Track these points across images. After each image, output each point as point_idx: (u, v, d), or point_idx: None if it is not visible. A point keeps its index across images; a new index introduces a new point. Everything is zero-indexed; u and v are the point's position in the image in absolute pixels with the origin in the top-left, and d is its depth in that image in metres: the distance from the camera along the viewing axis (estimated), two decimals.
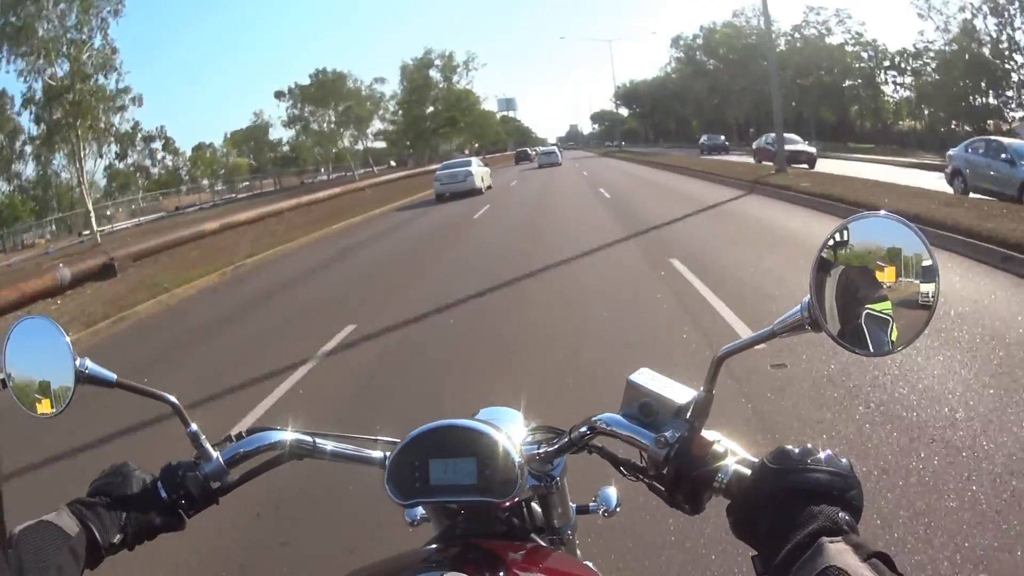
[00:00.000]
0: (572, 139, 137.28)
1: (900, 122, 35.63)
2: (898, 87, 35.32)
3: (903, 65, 34.29)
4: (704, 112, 52.40)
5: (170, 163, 48.50)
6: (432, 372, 3.85)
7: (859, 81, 36.33)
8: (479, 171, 19.47)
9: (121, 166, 44.11)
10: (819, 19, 37.81)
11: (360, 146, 53.15)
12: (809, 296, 0.52)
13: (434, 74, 54.49)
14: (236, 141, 50.33)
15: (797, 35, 38.68)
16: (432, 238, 10.50)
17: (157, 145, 45.60)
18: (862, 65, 36.19)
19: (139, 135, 47.40)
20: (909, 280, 0.49)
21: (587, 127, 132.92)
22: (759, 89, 40.03)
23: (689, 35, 51.23)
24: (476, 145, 67.53)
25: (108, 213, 33.02)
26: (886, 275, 0.50)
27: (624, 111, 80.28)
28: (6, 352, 0.65)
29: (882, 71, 35.41)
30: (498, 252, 8.06)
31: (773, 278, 4.98)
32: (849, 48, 36.47)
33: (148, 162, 46.33)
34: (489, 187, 20.18)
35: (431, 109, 50.68)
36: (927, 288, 0.49)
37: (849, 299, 0.51)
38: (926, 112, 33.19)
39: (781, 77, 38.43)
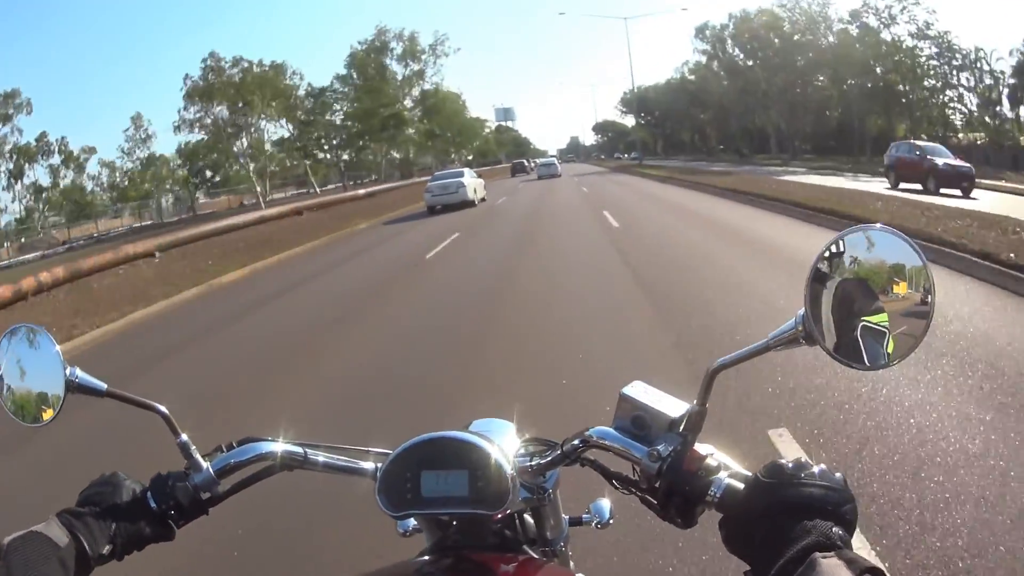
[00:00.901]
0: (573, 151, 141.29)
1: (962, 134, 31.61)
2: (969, 91, 31.60)
3: (980, 64, 30.55)
4: (728, 119, 50.14)
5: (69, 180, 44.52)
6: None
7: (937, 83, 32.54)
8: (472, 182, 21.05)
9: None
10: (882, 3, 33.68)
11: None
12: (804, 309, 0.58)
13: (396, 67, 51.53)
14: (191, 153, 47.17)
15: (854, 25, 35.53)
16: (344, 302, 7.87)
17: (56, 160, 42.83)
18: (931, 62, 32.67)
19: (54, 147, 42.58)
20: (905, 292, 0.56)
21: (589, 138, 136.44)
22: (803, 91, 37.92)
23: (717, 24, 47.07)
24: (467, 156, 67.59)
25: None
26: (883, 287, 0.56)
27: (630, 121, 78.84)
28: None
29: (954, 72, 31.69)
30: (433, 341, 5.52)
31: None
32: (910, 42, 33.13)
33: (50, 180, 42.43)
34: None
35: (385, 109, 47.94)
36: (922, 300, 0.55)
37: (845, 312, 0.57)
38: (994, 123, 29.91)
39: (832, 77, 36.88)
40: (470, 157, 70.81)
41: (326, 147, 50.16)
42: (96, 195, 47.99)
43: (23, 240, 41.12)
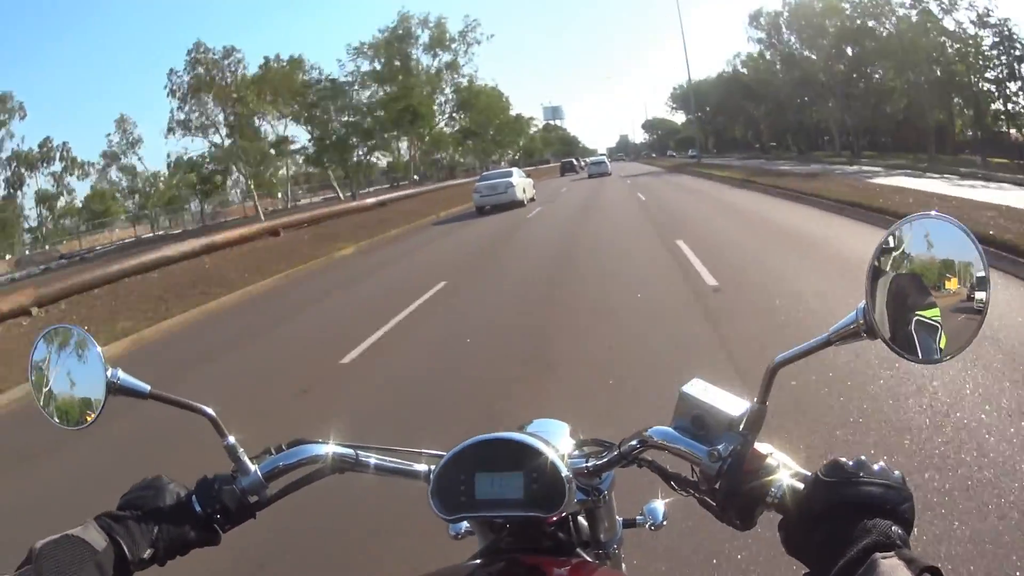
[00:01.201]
0: (622, 150, 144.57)
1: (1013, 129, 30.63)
2: None
3: None
4: (783, 113, 48.51)
5: (75, 187, 42.36)
6: None
7: (1001, 74, 30.52)
8: (520, 182, 21.38)
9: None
10: None
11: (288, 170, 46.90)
12: (864, 303, 0.59)
13: (424, 58, 48.67)
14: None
15: (914, 11, 33.04)
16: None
17: (56, 167, 40.84)
18: (992, 52, 30.52)
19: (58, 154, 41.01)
20: (960, 286, 0.56)
21: (639, 136, 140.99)
22: (866, 83, 36.36)
23: (771, 10, 44.94)
24: (512, 155, 66.86)
25: None
26: (937, 280, 0.56)
27: (680, 117, 74.22)
28: (33, 361, 0.73)
29: (1017, 63, 29.57)
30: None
31: None
32: (972, 29, 30.87)
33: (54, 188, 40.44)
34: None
35: (405, 102, 44.51)
36: (978, 295, 0.56)
37: (900, 305, 0.58)
38: None
39: (896, 66, 33.98)
40: (515, 156, 69.86)
41: (348, 144, 46.17)
42: (117, 201, 46.17)
43: (27, 252, 38.40)
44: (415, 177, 51.30)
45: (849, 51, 36.98)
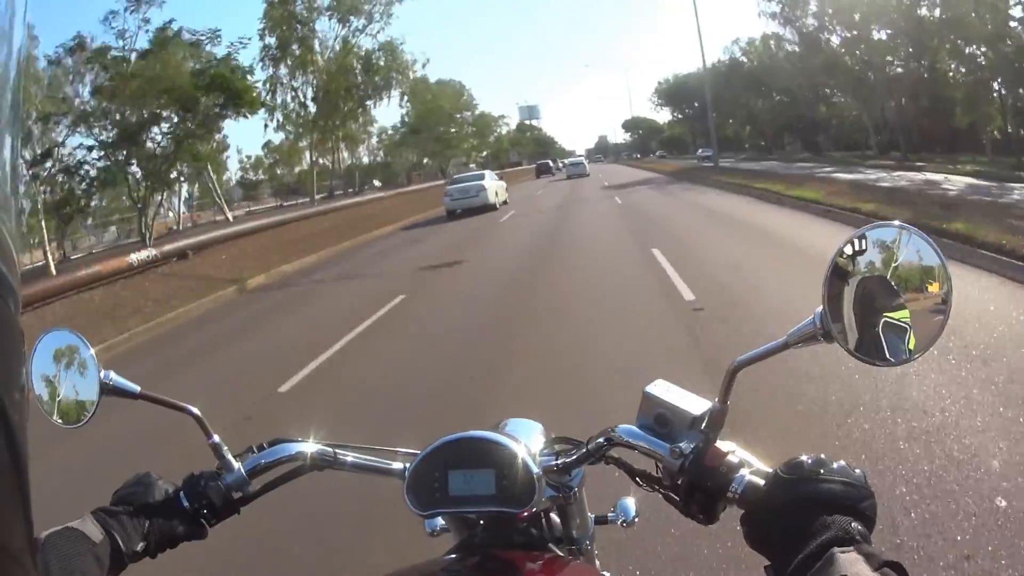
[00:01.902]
0: (601, 151, 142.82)
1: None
2: None
3: None
4: (795, 105, 42.99)
5: None
6: None
7: None
8: (493, 185, 21.89)
9: None
10: None
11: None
12: (822, 307, 0.62)
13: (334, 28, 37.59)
14: None
15: None
16: None
17: None
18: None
19: None
20: (924, 290, 0.60)
21: (620, 136, 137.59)
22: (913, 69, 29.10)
23: None
24: (474, 157, 63.51)
25: None
26: (903, 285, 0.60)
27: (665, 116, 72.52)
28: (32, 364, 0.78)
29: None
30: None
31: None
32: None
33: None
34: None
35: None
36: (941, 294, 0.60)
37: (867, 309, 0.61)
38: None
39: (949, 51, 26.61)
40: (477, 156, 65.71)
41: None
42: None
43: None
44: (340, 190, 42.95)
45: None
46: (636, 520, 0.97)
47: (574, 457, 0.80)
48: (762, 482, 0.65)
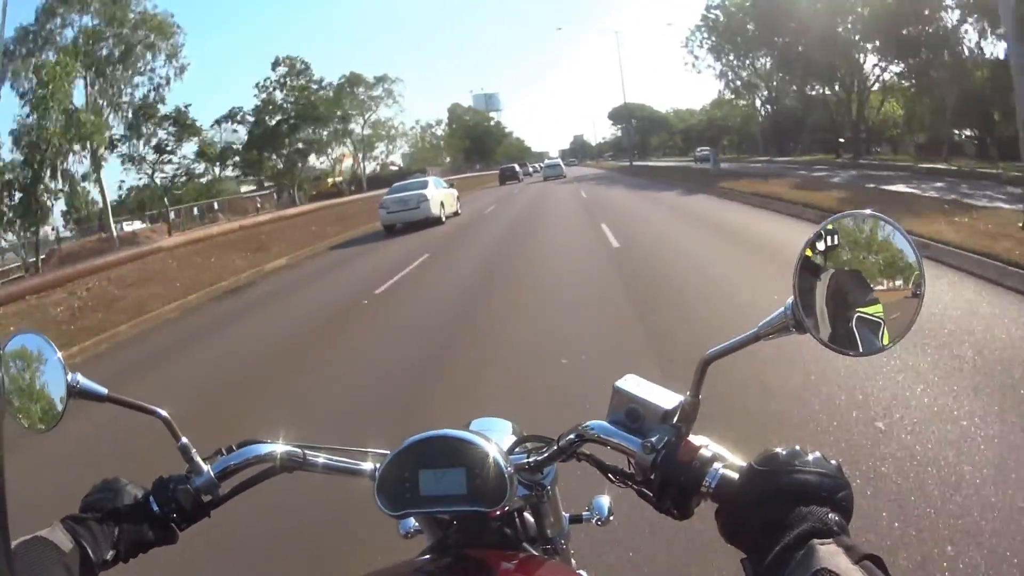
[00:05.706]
0: (576, 153, 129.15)
1: None
2: None
3: None
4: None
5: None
6: None
7: None
8: (438, 194, 18.80)
9: None
10: None
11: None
12: (793, 298, 0.63)
13: None
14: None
15: None
16: None
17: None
18: None
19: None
20: (896, 277, 0.60)
21: (599, 135, 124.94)
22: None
23: None
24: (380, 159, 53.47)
25: None
26: (875, 276, 0.61)
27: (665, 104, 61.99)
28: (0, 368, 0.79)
29: None
30: None
31: None
32: None
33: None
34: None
35: None
36: (914, 283, 0.61)
37: (840, 302, 0.62)
38: None
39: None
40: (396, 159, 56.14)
41: None
42: None
43: None
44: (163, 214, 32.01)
45: None
46: (611, 518, 0.97)
47: (545, 455, 0.80)
48: (736, 475, 0.65)
